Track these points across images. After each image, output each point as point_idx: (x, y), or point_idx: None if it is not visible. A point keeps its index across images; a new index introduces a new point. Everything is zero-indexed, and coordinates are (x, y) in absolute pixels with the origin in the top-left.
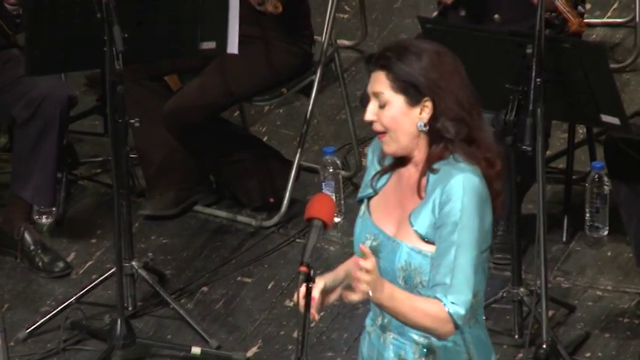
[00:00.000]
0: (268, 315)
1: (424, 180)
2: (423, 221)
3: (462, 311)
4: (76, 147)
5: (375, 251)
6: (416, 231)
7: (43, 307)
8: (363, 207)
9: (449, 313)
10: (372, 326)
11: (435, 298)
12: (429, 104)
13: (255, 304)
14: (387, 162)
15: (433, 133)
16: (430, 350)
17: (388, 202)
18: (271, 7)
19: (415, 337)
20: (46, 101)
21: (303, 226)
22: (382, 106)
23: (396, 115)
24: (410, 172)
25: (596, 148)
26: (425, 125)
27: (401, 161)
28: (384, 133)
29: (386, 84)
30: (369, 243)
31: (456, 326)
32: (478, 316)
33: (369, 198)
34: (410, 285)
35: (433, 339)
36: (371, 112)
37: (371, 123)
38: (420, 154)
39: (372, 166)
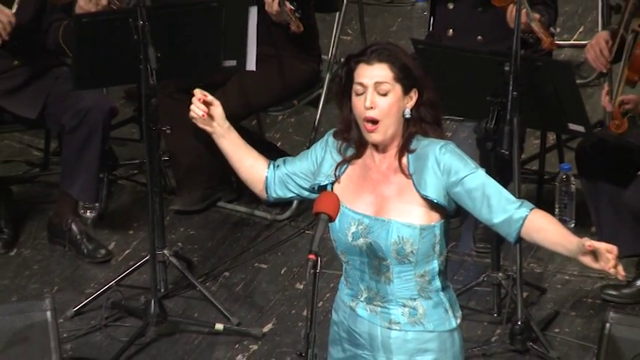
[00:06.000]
0: (281, 296)
1: (404, 160)
2: (432, 188)
3: (530, 204)
4: (116, 151)
5: (363, 233)
6: (432, 200)
7: (88, 289)
8: None
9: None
10: (353, 301)
11: (525, 215)
12: (414, 95)
13: (270, 286)
14: (349, 153)
15: (413, 119)
16: (418, 310)
17: (357, 189)
18: (294, 26)
19: (403, 301)
20: (91, 112)
21: (311, 219)
22: (383, 95)
23: (393, 102)
24: (377, 159)
25: (564, 152)
26: (409, 113)
27: (362, 152)
28: (376, 123)
29: (389, 75)
30: (353, 229)
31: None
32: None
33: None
34: (402, 255)
35: (420, 300)
36: (371, 100)
37: (368, 110)
38: (393, 140)
39: (330, 157)
